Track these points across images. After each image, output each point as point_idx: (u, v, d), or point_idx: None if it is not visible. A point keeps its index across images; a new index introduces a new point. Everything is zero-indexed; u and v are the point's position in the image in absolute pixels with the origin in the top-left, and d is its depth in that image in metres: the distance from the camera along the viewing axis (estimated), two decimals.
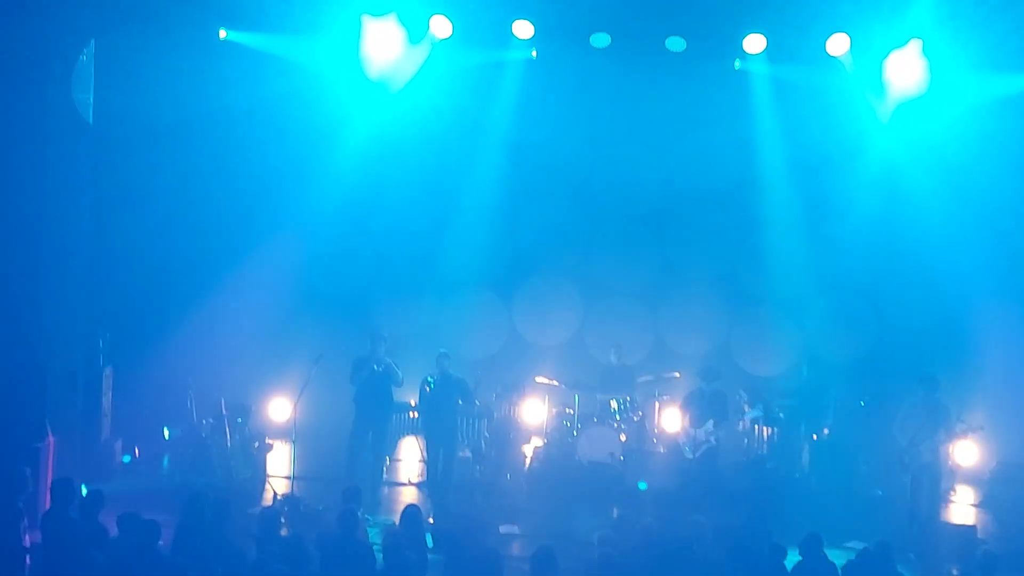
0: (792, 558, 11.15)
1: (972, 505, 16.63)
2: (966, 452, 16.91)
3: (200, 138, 16.96)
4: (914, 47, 16.14)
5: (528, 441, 17.58)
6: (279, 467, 16.46)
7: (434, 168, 18.86)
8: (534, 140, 18.57)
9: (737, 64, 17.24)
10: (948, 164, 17.66)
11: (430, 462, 15.73)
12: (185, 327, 17.20)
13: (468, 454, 16.45)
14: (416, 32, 16.80)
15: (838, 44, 16.32)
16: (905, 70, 16.57)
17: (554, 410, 17.59)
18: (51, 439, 13.95)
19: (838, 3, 15.95)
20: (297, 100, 17.50)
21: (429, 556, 11.03)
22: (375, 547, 11.30)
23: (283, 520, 13.22)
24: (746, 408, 16.68)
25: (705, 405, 14.96)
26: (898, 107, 17.24)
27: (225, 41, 16.77)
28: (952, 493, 16.51)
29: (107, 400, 16.34)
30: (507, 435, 16.81)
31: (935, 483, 14.80)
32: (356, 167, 18.18)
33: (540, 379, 17.72)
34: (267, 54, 16.86)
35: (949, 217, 17.89)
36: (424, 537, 11.78)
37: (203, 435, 15.72)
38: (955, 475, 16.69)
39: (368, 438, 15.49)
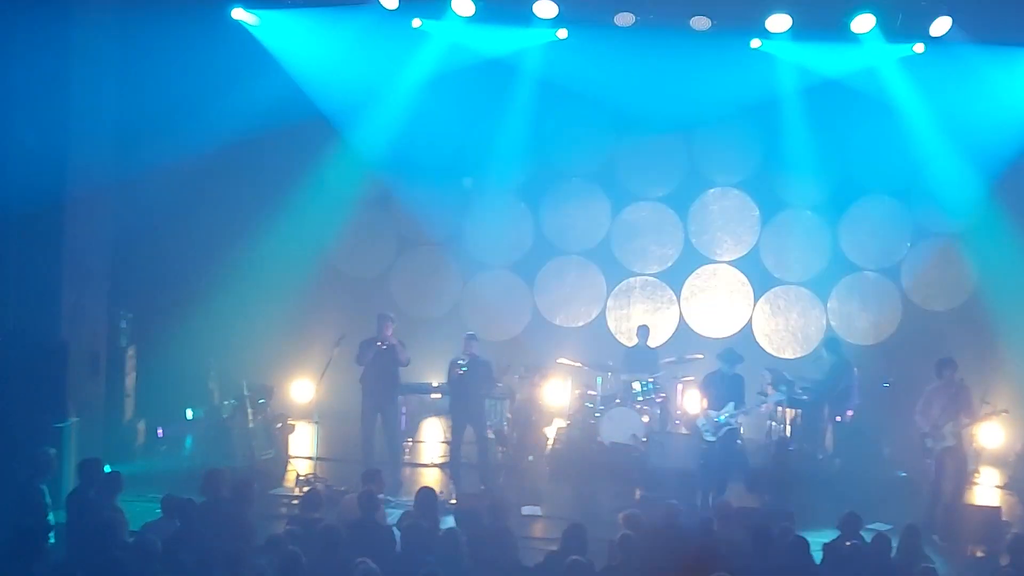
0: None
1: (997, 487, 16.53)
2: (991, 434, 16.79)
3: (219, 117, 16.84)
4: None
5: (550, 423, 17.54)
6: (301, 448, 16.49)
7: (456, 149, 18.81)
8: (558, 120, 18.53)
9: (759, 43, 17.05)
10: (976, 142, 17.53)
11: (454, 443, 15.67)
12: (207, 307, 17.19)
13: (491, 435, 16.41)
14: (437, 11, 16.69)
15: (864, 23, 16.14)
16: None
17: (577, 392, 17.56)
18: (74, 419, 13.98)
19: None
20: (316, 80, 17.44)
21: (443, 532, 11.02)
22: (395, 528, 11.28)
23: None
24: (769, 391, 16.58)
25: (725, 388, 14.85)
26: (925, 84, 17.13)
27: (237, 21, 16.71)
28: (976, 475, 16.39)
29: (130, 380, 16.38)
30: (529, 417, 16.76)
31: (959, 465, 14.69)
32: (377, 148, 18.13)
33: (563, 360, 17.69)
34: (280, 29, 16.83)
35: (975, 195, 17.80)
36: (438, 517, 11.81)
37: (225, 416, 15.74)
38: (979, 457, 16.58)
39: (377, 420, 15.45)
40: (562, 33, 17.07)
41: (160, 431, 16.70)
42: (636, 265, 19.41)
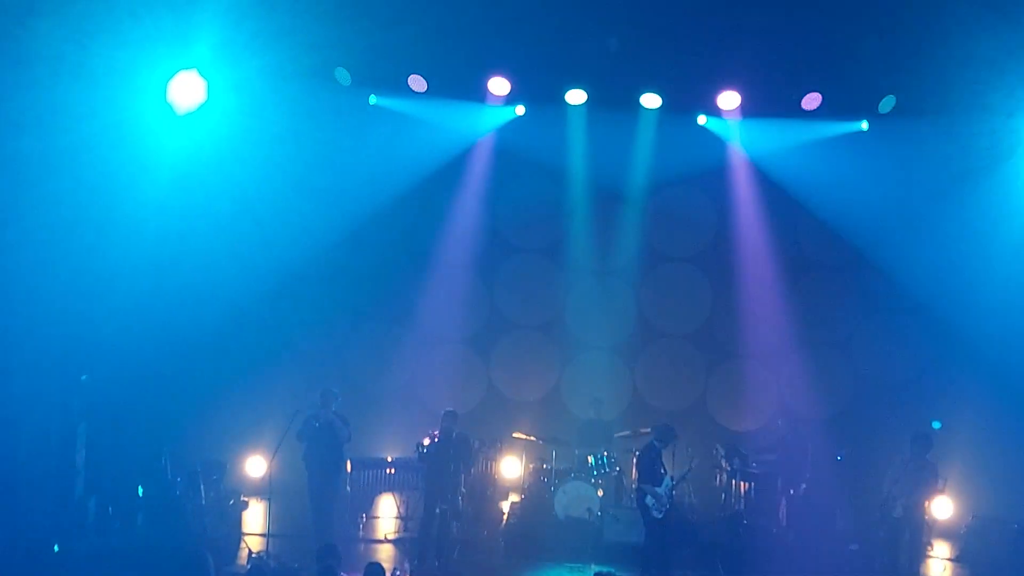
0: None
1: (948, 559, 16.60)
2: (942, 506, 16.92)
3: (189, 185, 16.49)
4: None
5: (505, 497, 17.51)
6: (255, 524, 16.35)
7: (412, 224, 18.89)
8: (511, 196, 18.68)
9: (704, 120, 17.41)
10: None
11: (425, 519, 15.46)
12: (160, 383, 17.04)
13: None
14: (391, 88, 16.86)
15: (813, 101, 16.48)
16: None
17: (531, 465, 17.54)
18: (25, 496, 13.84)
19: (813, 61, 16.06)
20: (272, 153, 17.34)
21: None
22: None
23: None
24: (724, 465, 16.63)
25: (658, 463, 14.74)
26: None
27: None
28: (929, 548, 16.48)
29: (80, 457, 16.20)
30: (484, 491, 16.73)
31: (914, 538, 14.79)
32: (334, 224, 18.14)
33: (517, 434, 17.68)
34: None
35: (917, 269, 17.97)
36: None
37: (177, 492, 15.60)
38: (932, 529, 16.67)
39: (322, 500, 15.40)
40: (520, 110, 17.33)
41: (111, 508, 16.47)
42: (590, 338, 19.45)
